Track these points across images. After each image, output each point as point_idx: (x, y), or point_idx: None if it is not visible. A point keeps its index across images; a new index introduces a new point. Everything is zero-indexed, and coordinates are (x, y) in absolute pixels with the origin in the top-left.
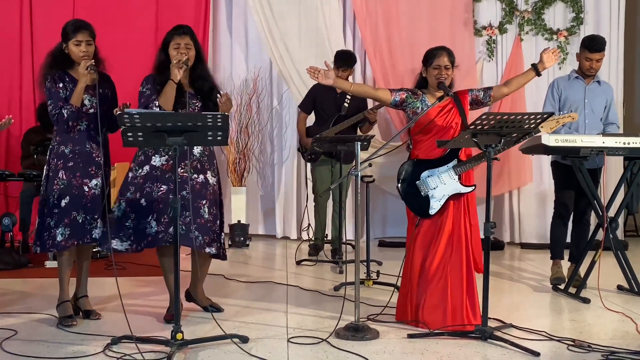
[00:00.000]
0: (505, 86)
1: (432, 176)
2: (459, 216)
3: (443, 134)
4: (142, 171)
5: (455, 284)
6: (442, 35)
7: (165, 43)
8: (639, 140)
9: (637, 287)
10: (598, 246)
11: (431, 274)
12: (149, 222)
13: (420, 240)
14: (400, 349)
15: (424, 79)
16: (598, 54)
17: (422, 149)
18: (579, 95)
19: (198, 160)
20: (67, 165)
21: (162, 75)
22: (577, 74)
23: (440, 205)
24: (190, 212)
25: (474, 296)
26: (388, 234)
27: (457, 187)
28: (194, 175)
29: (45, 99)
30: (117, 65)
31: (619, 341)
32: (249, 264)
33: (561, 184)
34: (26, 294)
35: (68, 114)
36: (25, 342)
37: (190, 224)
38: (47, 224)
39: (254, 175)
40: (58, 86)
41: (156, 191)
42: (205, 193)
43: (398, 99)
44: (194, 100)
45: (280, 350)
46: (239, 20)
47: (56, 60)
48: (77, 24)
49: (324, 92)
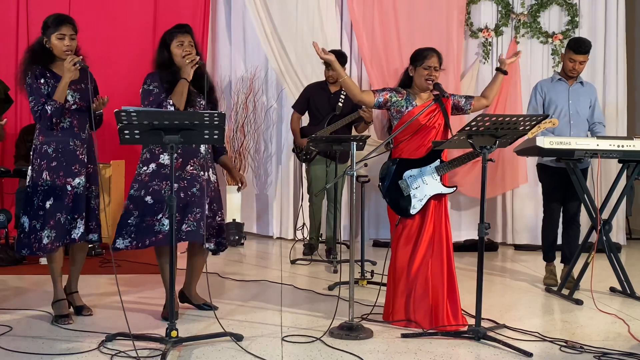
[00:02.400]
0: (484, 98)
1: (415, 176)
2: (440, 217)
3: (426, 135)
4: (147, 169)
5: (437, 286)
6: (438, 38)
7: (166, 41)
8: (633, 143)
9: (630, 289)
10: (590, 248)
11: (413, 275)
12: (159, 219)
13: (404, 240)
14: (394, 348)
15: (409, 77)
16: (582, 56)
17: (405, 148)
18: (563, 97)
19: (204, 158)
20: (51, 165)
21: (167, 73)
22: (560, 76)
23: (421, 205)
24: (201, 208)
25: (456, 298)
26: (382, 234)
27: (439, 188)
28: (201, 172)
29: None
30: (114, 63)
31: (611, 342)
32: (243, 262)
33: (549, 187)
34: (21, 290)
35: (52, 110)
36: (20, 338)
37: (201, 220)
38: (33, 227)
39: (249, 174)
40: (39, 82)
41: (166, 189)
42: (208, 190)
43: (382, 99)
44: (198, 98)
45: (274, 348)
46: (236, 20)
47: (37, 56)
48: (60, 17)
49: (318, 92)
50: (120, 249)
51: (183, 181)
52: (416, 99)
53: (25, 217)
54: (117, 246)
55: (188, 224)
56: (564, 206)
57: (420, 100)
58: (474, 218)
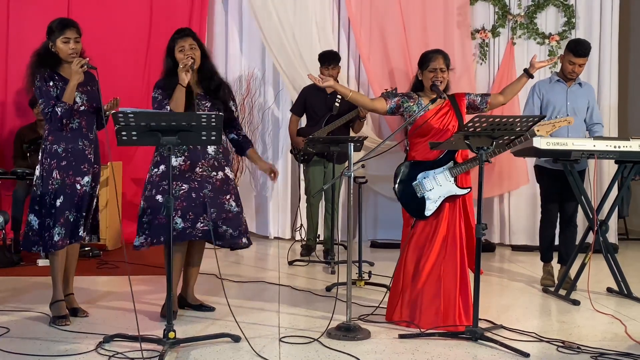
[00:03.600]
0: (501, 95)
1: (428, 178)
2: (454, 218)
3: (440, 137)
4: (157, 170)
5: (449, 286)
6: (435, 38)
7: (170, 48)
8: (630, 144)
9: (627, 290)
10: (587, 249)
11: (425, 275)
12: (172, 218)
13: (415, 241)
14: (392, 349)
15: (420, 81)
16: (582, 59)
17: (419, 150)
18: (561, 98)
19: (214, 159)
20: (61, 164)
21: (171, 80)
22: (558, 77)
23: (436, 206)
24: (217, 208)
25: (468, 298)
26: (380, 235)
27: (452, 189)
28: (212, 173)
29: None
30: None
31: (608, 343)
32: (241, 263)
33: (547, 188)
34: (18, 291)
35: (62, 112)
36: (17, 339)
37: (217, 219)
38: (47, 224)
39: (247, 175)
40: (48, 85)
41: (177, 189)
42: (228, 188)
43: (394, 105)
44: (204, 101)
45: (272, 349)
46: (232, 21)
47: (43, 59)
48: (64, 22)
49: (314, 94)
50: (137, 246)
51: (194, 182)
52: (427, 103)
53: (33, 215)
54: (135, 244)
55: (204, 223)
56: (561, 207)
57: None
58: None
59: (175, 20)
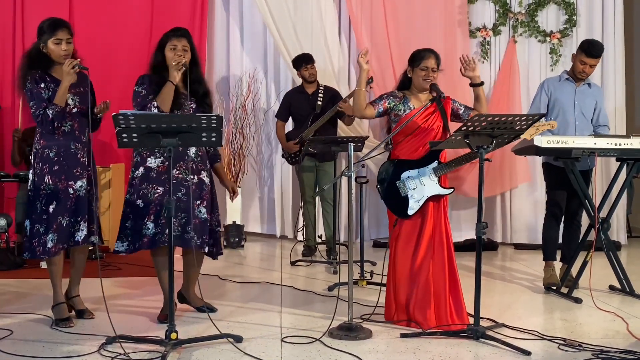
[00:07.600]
0: (477, 110)
1: (412, 177)
2: (439, 218)
3: (424, 136)
4: (138, 172)
5: (438, 285)
6: (437, 37)
7: (161, 44)
8: (631, 142)
9: (629, 287)
10: (589, 247)
11: (413, 275)
12: (145, 223)
13: (402, 241)
14: (393, 348)
15: (409, 79)
16: (594, 60)
17: (403, 149)
18: (569, 97)
19: (193, 161)
20: (53, 169)
21: (158, 75)
22: (568, 76)
23: (419, 206)
24: (187, 213)
25: (459, 297)
26: (382, 234)
27: (436, 189)
28: (189, 177)
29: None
30: (112, 67)
31: (609, 340)
32: (243, 264)
33: (553, 185)
34: (22, 294)
35: (53, 114)
36: (20, 341)
37: (186, 225)
38: (37, 230)
39: (249, 175)
40: (40, 86)
41: (152, 193)
42: (201, 193)
43: (382, 109)
44: (189, 102)
45: (274, 349)
46: (234, 21)
47: (34, 61)
48: (56, 22)
49: (297, 97)
50: (119, 251)
51: (168, 184)
52: (413, 101)
53: (27, 220)
54: (116, 249)
55: (174, 228)
56: (566, 205)
57: (418, 102)
58: (473, 218)
59: (176, 20)
